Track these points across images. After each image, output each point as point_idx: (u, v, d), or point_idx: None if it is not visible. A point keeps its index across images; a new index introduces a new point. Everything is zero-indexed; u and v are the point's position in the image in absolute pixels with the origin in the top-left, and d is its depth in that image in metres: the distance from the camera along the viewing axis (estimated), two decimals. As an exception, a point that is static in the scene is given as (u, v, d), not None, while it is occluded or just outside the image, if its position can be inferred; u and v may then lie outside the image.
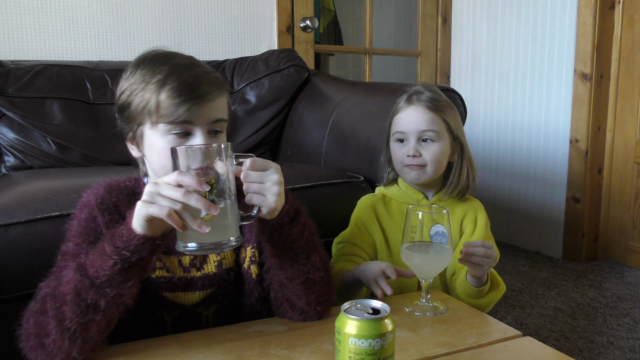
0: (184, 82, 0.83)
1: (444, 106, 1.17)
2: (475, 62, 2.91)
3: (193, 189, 0.69)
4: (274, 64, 2.00)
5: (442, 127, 1.16)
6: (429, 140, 1.16)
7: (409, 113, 1.16)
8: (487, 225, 1.22)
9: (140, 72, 0.86)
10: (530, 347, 0.82)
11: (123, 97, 0.89)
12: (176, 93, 0.82)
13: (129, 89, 0.87)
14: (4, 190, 1.26)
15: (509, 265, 2.40)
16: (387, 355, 0.64)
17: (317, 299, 0.87)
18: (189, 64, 0.88)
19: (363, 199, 1.27)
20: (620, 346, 1.60)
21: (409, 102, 1.18)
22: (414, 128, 1.15)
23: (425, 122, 1.15)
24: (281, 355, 0.78)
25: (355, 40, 4.02)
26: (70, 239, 0.86)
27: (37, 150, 1.69)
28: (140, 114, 0.85)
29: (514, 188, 2.72)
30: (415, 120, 1.15)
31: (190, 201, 0.68)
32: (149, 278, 0.89)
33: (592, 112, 2.38)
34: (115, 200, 0.89)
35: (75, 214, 0.89)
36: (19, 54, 1.94)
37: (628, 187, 2.37)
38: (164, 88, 0.83)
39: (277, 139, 2.02)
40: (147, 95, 0.84)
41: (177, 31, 2.20)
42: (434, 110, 1.15)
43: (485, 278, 1.07)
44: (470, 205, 1.23)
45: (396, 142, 1.19)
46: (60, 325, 0.72)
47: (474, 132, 2.91)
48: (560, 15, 2.46)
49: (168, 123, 0.83)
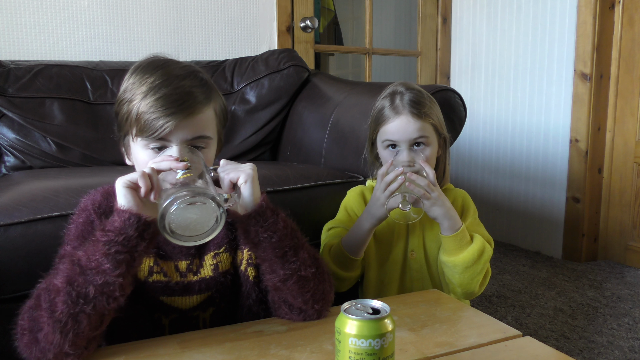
0: (164, 97, 0.81)
1: (428, 107, 1.18)
2: (475, 62, 2.91)
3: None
4: (274, 64, 2.00)
5: (430, 131, 1.18)
6: (421, 145, 1.17)
7: (399, 124, 1.17)
8: (474, 212, 1.24)
9: (133, 79, 0.86)
10: (530, 347, 0.82)
11: (115, 103, 0.89)
12: (154, 107, 0.80)
13: (120, 96, 0.87)
14: (4, 190, 1.26)
15: (509, 265, 2.40)
16: (387, 355, 0.64)
17: (313, 296, 0.87)
18: (178, 75, 0.85)
19: (353, 188, 1.31)
20: (620, 346, 1.60)
21: (395, 112, 1.17)
22: (406, 137, 1.16)
23: (416, 131, 1.16)
24: (281, 355, 0.78)
25: (355, 40, 4.02)
26: (68, 242, 0.87)
27: (37, 150, 1.69)
28: (125, 124, 0.86)
29: (514, 188, 2.72)
30: (405, 130, 1.16)
31: (161, 165, 0.75)
32: (146, 282, 0.89)
33: (592, 112, 2.38)
34: (112, 205, 0.88)
35: (73, 219, 0.90)
36: (19, 54, 1.94)
37: (628, 187, 2.37)
38: (144, 101, 0.81)
39: (277, 139, 2.01)
40: (131, 106, 0.83)
41: (177, 31, 2.20)
42: (422, 117, 1.16)
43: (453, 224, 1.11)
44: (457, 194, 1.26)
45: (387, 149, 1.20)
46: (52, 317, 0.72)
47: (474, 132, 2.91)
48: (560, 15, 2.46)
49: (144, 138, 0.83)
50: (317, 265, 0.88)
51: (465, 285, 1.13)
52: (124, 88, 0.87)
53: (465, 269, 1.11)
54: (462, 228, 1.11)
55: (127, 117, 0.84)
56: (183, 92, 0.83)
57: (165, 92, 0.81)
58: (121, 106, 0.86)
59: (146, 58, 0.89)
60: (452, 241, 1.11)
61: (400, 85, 1.22)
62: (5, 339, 0.80)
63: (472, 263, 1.11)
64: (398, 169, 1.09)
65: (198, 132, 0.84)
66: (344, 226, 1.22)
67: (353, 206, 1.26)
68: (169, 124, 0.80)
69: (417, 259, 1.21)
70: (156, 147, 0.84)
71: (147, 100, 0.81)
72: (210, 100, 0.87)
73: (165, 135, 0.81)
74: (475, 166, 2.93)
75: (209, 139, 0.87)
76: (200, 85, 0.86)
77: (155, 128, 0.80)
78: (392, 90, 1.22)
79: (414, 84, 1.25)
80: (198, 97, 0.84)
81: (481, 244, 1.13)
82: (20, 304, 0.81)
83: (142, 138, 0.83)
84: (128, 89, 0.85)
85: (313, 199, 1.41)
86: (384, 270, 1.22)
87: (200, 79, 0.87)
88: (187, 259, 0.92)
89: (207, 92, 0.87)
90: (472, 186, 2.91)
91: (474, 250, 1.11)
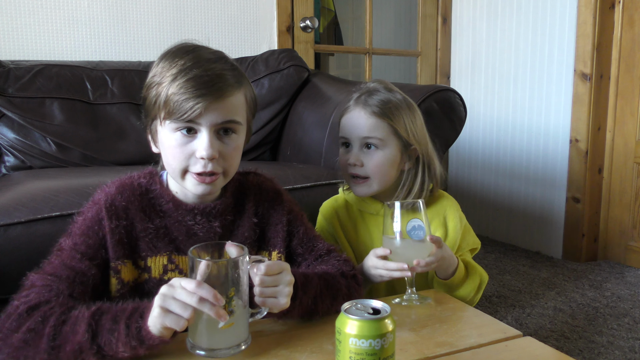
0: (194, 78, 0.79)
1: (394, 109, 1.08)
2: (475, 62, 2.90)
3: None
4: (274, 64, 2.00)
5: (387, 133, 1.08)
6: (372, 147, 1.09)
7: (353, 117, 1.10)
8: (460, 222, 1.16)
9: (162, 64, 0.84)
10: (530, 347, 0.82)
11: (144, 89, 0.87)
12: (184, 89, 0.79)
13: (149, 81, 0.85)
14: (4, 190, 1.26)
15: (509, 265, 2.40)
16: (387, 355, 0.64)
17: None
18: (209, 59, 0.83)
19: (325, 206, 1.22)
20: (620, 346, 1.60)
21: (356, 103, 1.11)
22: (356, 134, 1.09)
23: (367, 128, 1.08)
24: (281, 355, 0.78)
25: (355, 40, 4.02)
26: (72, 235, 0.85)
27: (37, 150, 1.69)
28: (153, 108, 0.84)
29: (514, 188, 2.72)
30: (358, 125, 1.09)
31: (204, 308, 0.69)
32: (162, 280, 0.87)
33: (592, 112, 2.38)
34: (125, 204, 0.86)
35: (82, 211, 0.88)
36: (19, 54, 1.94)
37: (628, 187, 2.37)
38: (174, 82, 0.80)
39: (277, 139, 2.01)
40: (160, 89, 0.82)
41: (177, 31, 2.20)
42: (379, 116, 1.07)
43: (452, 271, 1.06)
44: (438, 209, 1.17)
45: (341, 146, 1.14)
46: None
47: (474, 132, 2.91)
48: (560, 15, 2.46)
49: (173, 120, 0.81)
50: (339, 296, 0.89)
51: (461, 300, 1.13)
52: (152, 73, 0.85)
53: (462, 298, 1.09)
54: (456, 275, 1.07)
55: (155, 100, 0.82)
56: (214, 74, 0.81)
57: (196, 73, 0.79)
58: (149, 90, 0.84)
59: (175, 44, 0.87)
60: (445, 283, 1.09)
61: (380, 84, 1.14)
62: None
63: (468, 298, 1.11)
64: (405, 267, 0.96)
65: (228, 115, 0.83)
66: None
67: (328, 229, 1.19)
68: (199, 106, 0.78)
69: None
70: (186, 130, 0.82)
71: (177, 82, 0.79)
72: (242, 85, 0.86)
73: (195, 117, 0.80)
74: (475, 166, 2.93)
75: (239, 124, 0.85)
76: (231, 69, 0.84)
77: (185, 110, 0.79)
78: (365, 89, 1.14)
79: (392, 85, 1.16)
80: (229, 80, 0.82)
81: (477, 280, 1.10)
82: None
83: (171, 120, 0.81)
84: (157, 73, 0.84)
85: (313, 199, 1.41)
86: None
87: (231, 64, 0.86)
88: None
89: (238, 76, 0.85)
90: (472, 186, 2.91)
91: (469, 288, 1.10)
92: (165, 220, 0.88)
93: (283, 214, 0.95)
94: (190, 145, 0.83)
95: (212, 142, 0.81)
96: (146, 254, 0.86)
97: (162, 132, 0.85)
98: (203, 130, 0.82)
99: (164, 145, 0.85)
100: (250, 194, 0.95)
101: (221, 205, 0.90)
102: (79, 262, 0.82)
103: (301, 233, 0.96)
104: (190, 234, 0.88)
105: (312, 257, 0.97)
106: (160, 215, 0.88)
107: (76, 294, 0.80)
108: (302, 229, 0.97)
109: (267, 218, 0.95)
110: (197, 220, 0.88)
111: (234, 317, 0.74)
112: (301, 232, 0.96)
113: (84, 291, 0.81)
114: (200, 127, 0.82)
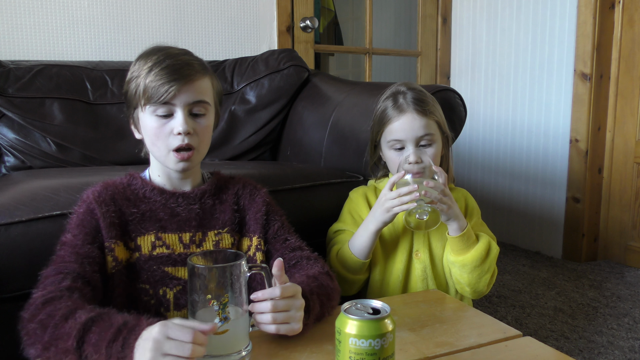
0: (167, 67, 0.93)
1: (431, 106, 1.20)
2: (475, 62, 2.91)
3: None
4: (274, 64, 2.00)
5: (435, 128, 1.20)
6: (427, 143, 1.19)
7: (404, 122, 1.18)
8: (477, 212, 1.26)
9: (139, 63, 0.98)
10: (530, 347, 0.82)
11: (125, 85, 1.00)
12: (159, 76, 0.93)
13: (129, 77, 0.99)
14: (4, 190, 1.26)
15: (509, 265, 2.40)
16: (387, 355, 0.64)
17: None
18: (178, 53, 0.97)
19: (355, 190, 1.32)
20: (620, 346, 1.60)
21: (400, 111, 1.19)
22: (412, 135, 1.18)
23: (422, 128, 1.18)
24: (281, 355, 0.78)
25: (355, 40, 4.02)
26: (69, 231, 0.94)
27: (37, 150, 1.69)
28: (134, 98, 0.96)
29: (514, 188, 2.72)
30: (411, 128, 1.18)
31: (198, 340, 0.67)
32: (151, 256, 0.95)
33: (592, 112, 2.38)
34: (111, 194, 0.97)
35: (75, 209, 0.98)
36: (19, 54, 1.94)
37: (628, 187, 2.37)
38: (150, 73, 0.94)
39: (277, 139, 2.01)
40: (139, 80, 0.95)
41: (177, 31, 2.20)
42: (426, 115, 1.18)
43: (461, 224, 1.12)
44: (460, 194, 1.27)
45: (392, 149, 1.21)
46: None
47: (474, 132, 2.91)
48: (560, 15, 2.46)
49: (152, 104, 0.94)
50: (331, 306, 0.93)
51: (474, 284, 1.15)
52: (131, 71, 0.98)
53: (474, 268, 1.13)
54: (468, 227, 1.13)
55: (135, 90, 0.95)
56: (184, 62, 0.96)
57: (168, 63, 0.94)
58: (130, 84, 0.98)
59: (149, 47, 1.01)
60: (459, 241, 1.12)
61: (402, 85, 1.24)
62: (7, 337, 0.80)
63: (480, 262, 1.13)
64: (414, 186, 1.07)
65: (198, 96, 0.96)
66: (349, 229, 1.23)
67: (357, 209, 1.26)
68: (173, 88, 0.92)
69: (422, 259, 1.21)
70: (163, 114, 0.94)
71: (153, 71, 0.93)
72: (207, 72, 1.00)
73: (170, 98, 0.93)
74: (475, 166, 2.93)
75: (208, 104, 0.98)
76: (197, 60, 0.99)
77: (161, 93, 0.92)
78: (395, 90, 1.23)
79: (415, 84, 1.26)
80: (196, 67, 0.97)
81: (487, 243, 1.15)
82: (21, 303, 0.82)
83: (150, 104, 0.94)
84: (135, 70, 0.97)
85: (313, 199, 1.41)
86: (389, 270, 1.22)
87: (197, 57, 1.01)
88: (190, 231, 0.99)
89: (203, 65, 0.99)
90: (472, 186, 2.91)
91: (482, 248, 1.13)
92: (150, 204, 0.98)
93: (262, 205, 1.05)
94: (168, 125, 0.95)
95: (186, 119, 0.94)
96: (135, 234, 0.96)
97: (143, 118, 0.97)
98: (178, 110, 0.94)
99: (146, 129, 0.97)
100: (232, 187, 1.06)
101: (199, 191, 1.01)
102: (81, 248, 0.91)
103: (276, 227, 1.06)
104: (174, 214, 0.99)
105: (283, 249, 1.04)
106: (144, 201, 0.99)
107: (87, 273, 0.88)
108: (277, 224, 1.06)
109: (247, 207, 1.05)
110: (179, 202, 0.99)
111: (229, 323, 0.74)
112: (276, 226, 1.06)
113: (93, 270, 0.89)
114: (175, 108, 0.94)
